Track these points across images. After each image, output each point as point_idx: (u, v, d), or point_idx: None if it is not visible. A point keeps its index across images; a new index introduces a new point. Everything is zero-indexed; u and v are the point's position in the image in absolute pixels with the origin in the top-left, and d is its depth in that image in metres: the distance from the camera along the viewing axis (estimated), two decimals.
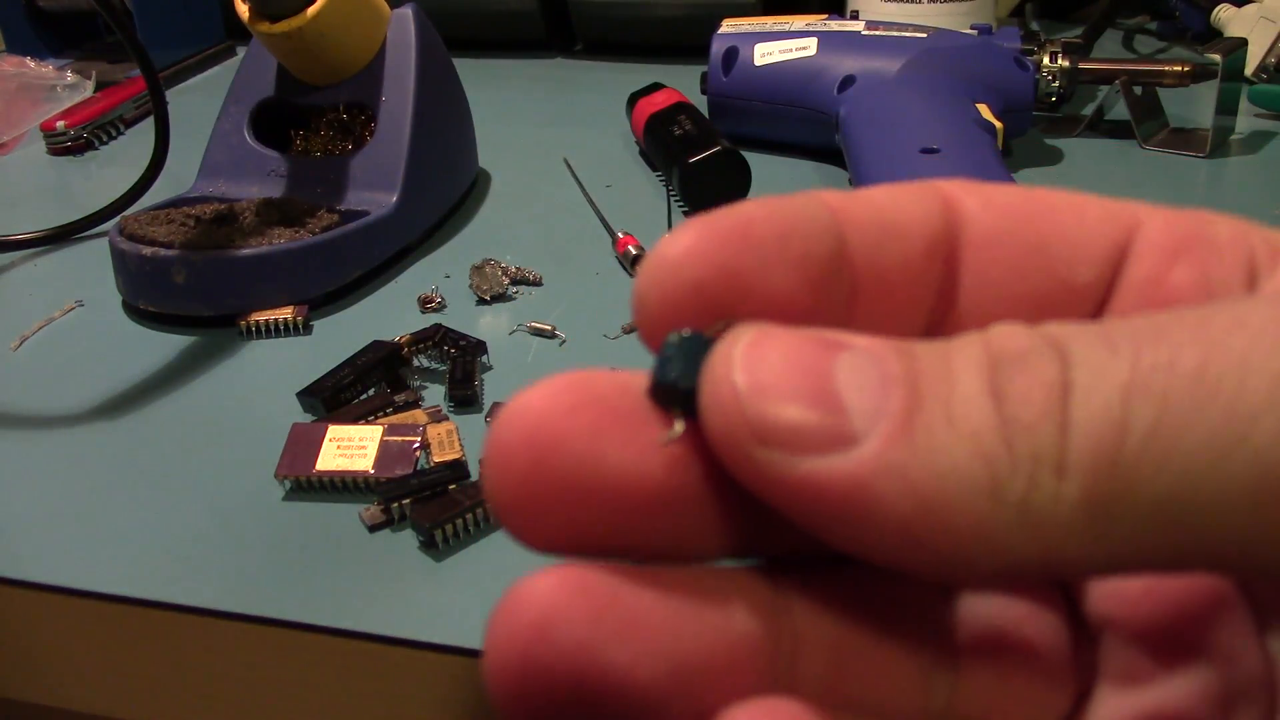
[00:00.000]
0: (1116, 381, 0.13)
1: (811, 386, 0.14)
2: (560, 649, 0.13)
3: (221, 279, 0.46)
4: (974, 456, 0.13)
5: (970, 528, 0.13)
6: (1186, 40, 0.81)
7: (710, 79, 0.63)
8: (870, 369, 0.14)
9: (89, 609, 0.32)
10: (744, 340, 0.14)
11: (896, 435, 0.13)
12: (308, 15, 0.49)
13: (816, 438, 0.13)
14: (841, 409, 0.14)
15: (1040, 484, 0.13)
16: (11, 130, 0.71)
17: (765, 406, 0.14)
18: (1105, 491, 0.13)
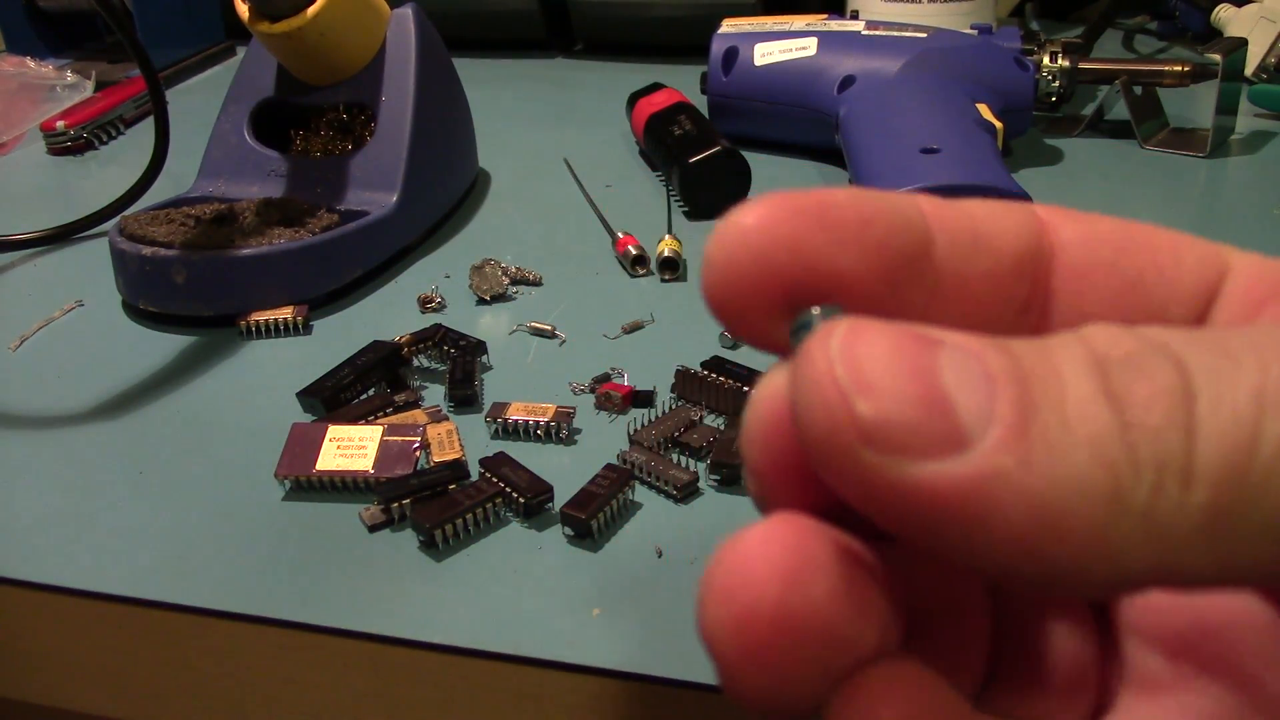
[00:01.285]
0: (1246, 390, 0.13)
1: (919, 385, 0.13)
2: (814, 600, 0.13)
3: (221, 279, 0.46)
4: (1095, 463, 0.13)
5: (1089, 537, 0.13)
6: (1186, 40, 0.81)
7: (710, 79, 0.63)
8: (973, 367, 0.13)
9: (89, 609, 0.32)
10: (841, 332, 0.14)
11: (1011, 440, 0.13)
12: (308, 15, 0.49)
13: (928, 441, 0.13)
14: (951, 410, 0.13)
15: (1165, 491, 0.13)
16: (11, 130, 0.71)
17: (873, 406, 0.13)
18: (1231, 503, 0.13)
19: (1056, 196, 0.55)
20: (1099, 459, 0.13)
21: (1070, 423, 0.13)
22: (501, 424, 0.38)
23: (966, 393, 0.13)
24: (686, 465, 0.36)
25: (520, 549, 0.33)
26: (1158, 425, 0.13)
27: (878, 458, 0.13)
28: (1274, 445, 0.13)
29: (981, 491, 0.13)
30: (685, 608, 0.30)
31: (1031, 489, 0.13)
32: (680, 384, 0.40)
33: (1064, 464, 0.13)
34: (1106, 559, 0.13)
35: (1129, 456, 0.13)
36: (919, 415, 0.13)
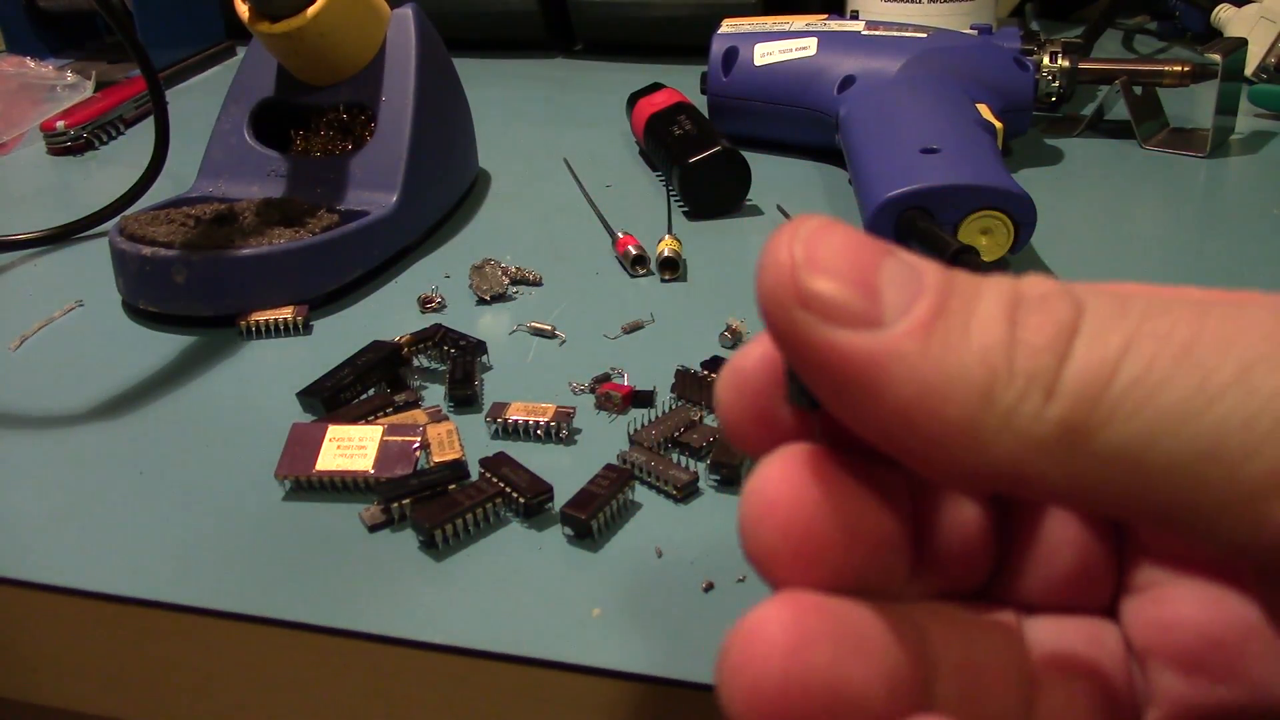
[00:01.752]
0: (1119, 334, 0.15)
1: (856, 272, 0.16)
2: (816, 666, 0.15)
3: (221, 279, 0.46)
4: (979, 364, 0.15)
5: (960, 423, 0.15)
6: (1186, 40, 0.81)
7: (710, 79, 0.63)
8: (910, 275, 0.16)
9: (89, 609, 0.32)
10: (810, 224, 0.16)
11: (916, 330, 0.15)
12: (308, 15, 0.49)
13: (849, 312, 0.15)
14: (876, 296, 0.16)
15: (1029, 398, 0.15)
16: (11, 130, 0.71)
17: (813, 276, 0.16)
18: (1083, 421, 0.15)
19: (1056, 196, 0.55)
20: (982, 360, 0.15)
21: (970, 330, 0.15)
22: (501, 424, 0.38)
23: (895, 288, 0.16)
24: (686, 465, 0.36)
25: (520, 549, 0.33)
26: (1038, 345, 0.15)
27: (808, 318, 0.16)
28: (1126, 381, 0.15)
29: (881, 362, 0.15)
30: (685, 608, 0.30)
31: (921, 370, 0.15)
32: (680, 384, 0.40)
33: (953, 358, 0.15)
34: (973, 447, 0.15)
35: (1006, 364, 0.15)
36: (847, 292, 0.16)
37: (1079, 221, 0.54)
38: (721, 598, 0.31)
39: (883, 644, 0.16)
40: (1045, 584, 0.20)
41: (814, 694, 0.15)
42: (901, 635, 0.16)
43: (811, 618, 0.15)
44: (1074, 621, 0.20)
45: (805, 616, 0.15)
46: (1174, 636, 0.19)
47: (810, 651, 0.15)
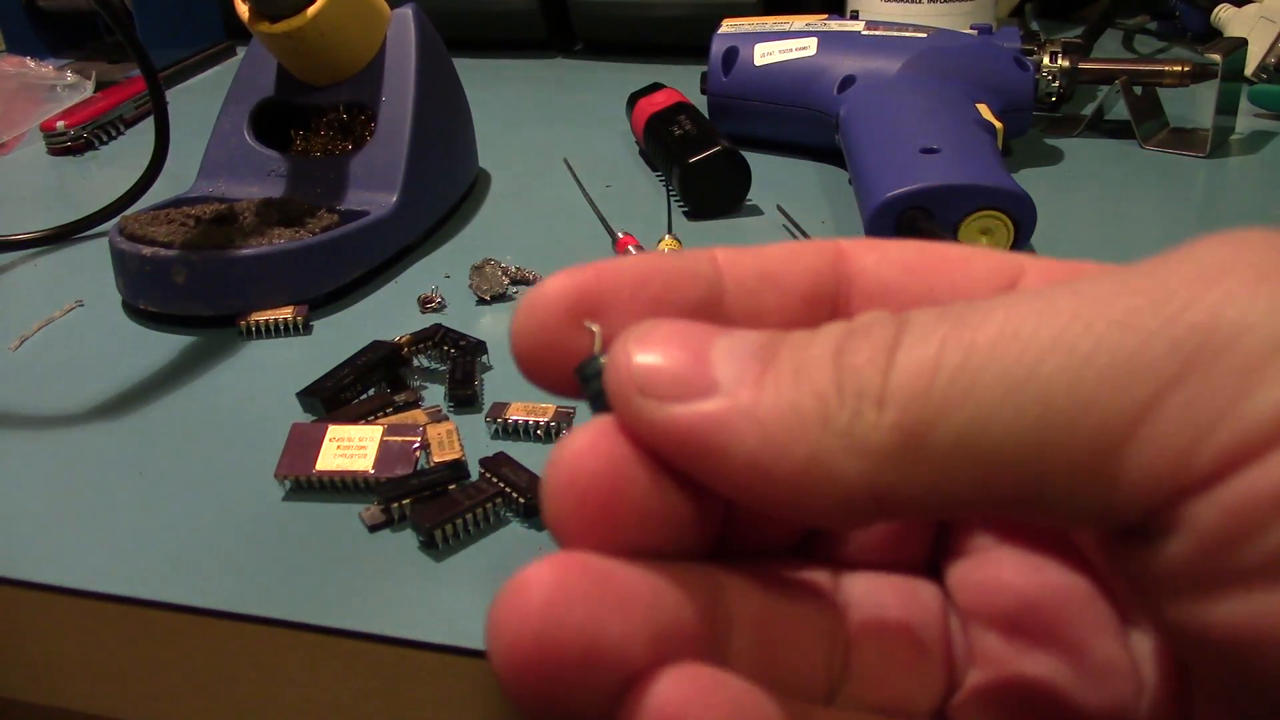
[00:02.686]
0: (936, 336, 0.16)
1: (685, 348, 0.17)
2: (571, 625, 0.15)
3: (221, 279, 0.46)
4: (810, 396, 0.16)
5: (805, 458, 0.16)
6: (1186, 40, 0.81)
7: (710, 79, 0.63)
8: (745, 344, 0.17)
9: (89, 609, 0.32)
10: (643, 324, 0.17)
11: (749, 384, 0.16)
12: (308, 15, 0.49)
13: (684, 388, 0.16)
14: (708, 367, 0.16)
15: (863, 413, 0.15)
16: (11, 130, 0.71)
17: (645, 357, 0.17)
18: (918, 420, 0.15)
19: (1056, 196, 0.55)
20: (813, 394, 0.16)
21: (800, 372, 0.16)
22: (501, 424, 0.38)
23: (727, 358, 0.16)
24: None
25: (520, 549, 0.33)
26: (860, 364, 0.16)
27: (646, 402, 0.16)
28: (949, 372, 0.15)
29: (722, 424, 0.16)
30: None
31: (761, 418, 0.16)
32: None
33: (785, 400, 0.16)
34: (825, 478, 0.16)
35: (836, 390, 0.16)
36: (680, 370, 0.16)
37: (1079, 221, 0.54)
38: None
39: (651, 601, 0.16)
40: (861, 543, 0.21)
41: (567, 648, 0.15)
42: (683, 592, 0.17)
43: (574, 576, 0.16)
44: (891, 580, 0.20)
45: (567, 575, 0.16)
46: (996, 599, 0.20)
47: (565, 608, 0.15)
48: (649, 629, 0.16)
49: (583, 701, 0.16)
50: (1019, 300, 0.16)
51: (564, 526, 0.17)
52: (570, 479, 0.17)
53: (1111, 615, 0.19)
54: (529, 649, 0.15)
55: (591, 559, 0.16)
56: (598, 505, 0.16)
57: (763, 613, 0.18)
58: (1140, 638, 0.19)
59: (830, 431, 0.16)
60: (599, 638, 0.15)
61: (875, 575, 0.21)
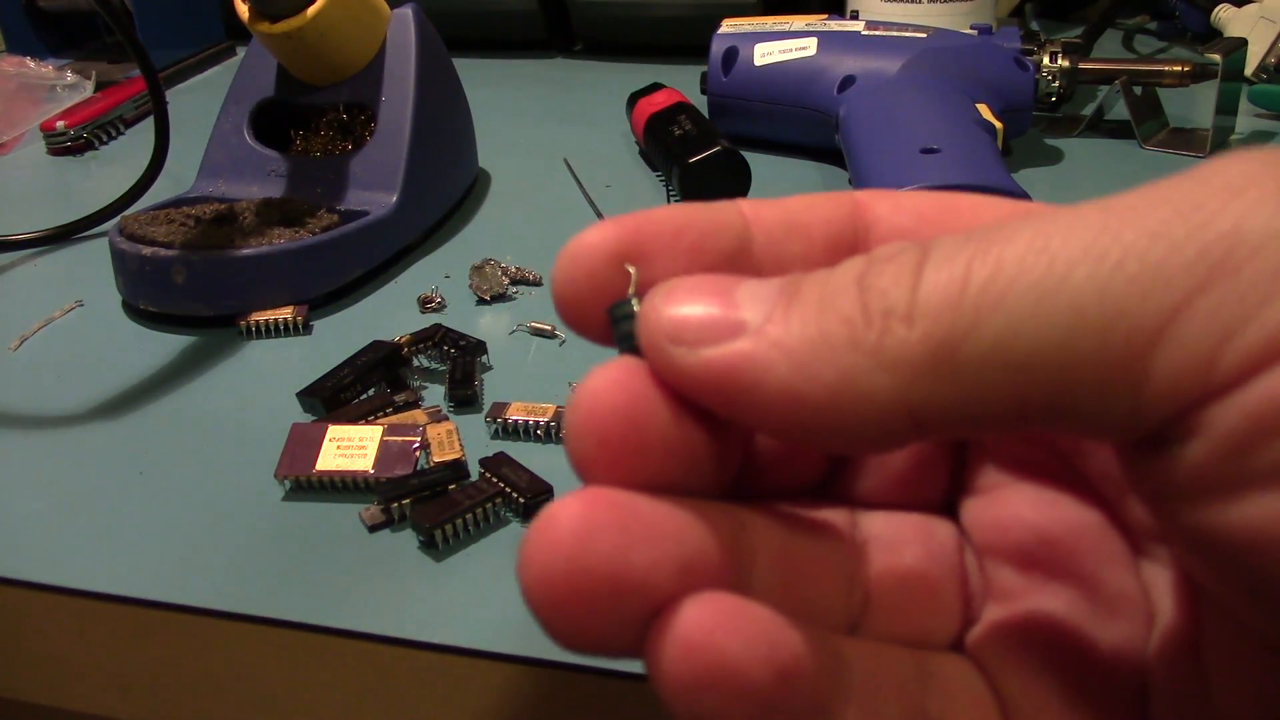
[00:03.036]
0: (963, 255, 0.16)
1: (712, 293, 0.17)
2: (599, 553, 0.16)
3: (221, 279, 0.46)
4: (836, 321, 0.16)
5: (837, 377, 0.16)
6: (1186, 40, 0.81)
7: (710, 79, 0.63)
8: (769, 286, 0.17)
9: (89, 609, 0.32)
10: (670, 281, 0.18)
11: (776, 319, 0.16)
12: (308, 15, 0.49)
13: (714, 332, 0.17)
14: (735, 307, 0.17)
15: (892, 330, 0.16)
16: (11, 130, 0.71)
17: (676, 308, 0.17)
18: (949, 333, 0.15)
19: (1056, 196, 0.55)
20: (839, 319, 0.16)
21: (824, 301, 0.16)
22: (501, 424, 0.38)
23: (753, 299, 0.17)
24: None
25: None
26: (886, 286, 0.16)
27: (679, 349, 0.17)
28: (979, 284, 0.15)
29: (753, 359, 0.16)
30: None
31: (790, 347, 0.16)
32: None
33: (813, 327, 0.16)
34: (859, 397, 0.16)
35: (862, 312, 0.16)
36: (708, 315, 0.17)
37: None
38: None
39: (676, 533, 0.17)
40: (879, 483, 0.21)
41: (596, 577, 0.16)
42: (707, 526, 0.17)
43: (601, 509, 0.16)
44: (908, 518, 0.21)
45: (595, 508, 0.16)
46: (1011, 535, 0.20)
47: (595, 539, 0.16)
48: (674, 559, 0.16)
49: (612, 629, 0.16)
50: (1045, 217, 0.16)
51: (587, 462, 0.17)
52: (591, 414, 0.17)
53: (1124, 548, 0.20)
54: (559, 579, 0.16)
55: (617, 493, 0.16)
56: (619, 440, 0.17)
57: (784, 548, 0.19)
58: (1151, 569, 0.20)
59: (860, 351, 0.16)
60: (626, 567, 0.16)
61: (892, 514, 0.21)
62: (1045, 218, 0.16)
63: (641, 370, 0.17)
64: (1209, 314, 0.14)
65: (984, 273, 0.15)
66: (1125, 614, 0.19)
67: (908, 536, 0.21)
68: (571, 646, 0.16)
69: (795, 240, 0.20)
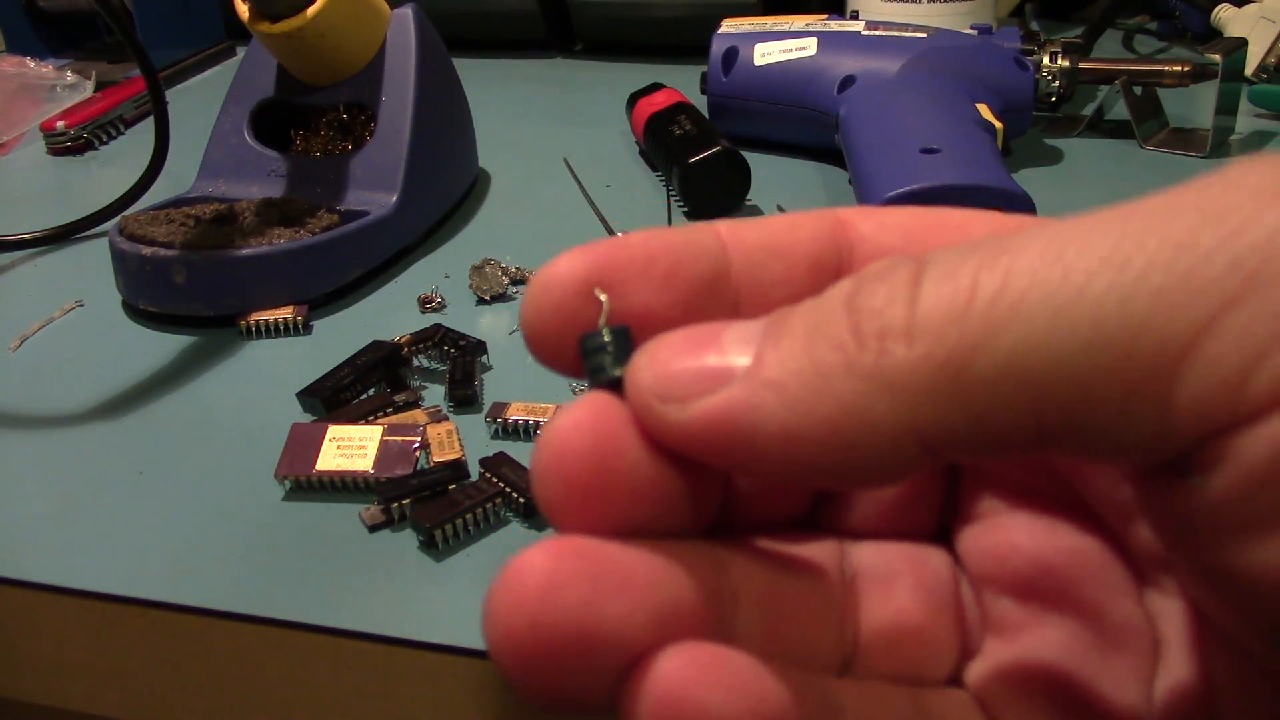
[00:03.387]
0: (967, 268, 0.15)
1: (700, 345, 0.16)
2: (567, 607, 0.15)
3: (221, 279, 0.46)
4: (828, 350, 0.15)
5: (836, 408, 0.15)
6: (1186, 40, 0.81)
7: (710, 79, 0.63)
8: (754, 325, 0.16)
9: (89, 609, 0.32)
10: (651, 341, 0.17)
11: (766, 357, 0.16)
12: (308, 15, 0.49)
13: (702, 381, 0.16)
14: (722, 355, 0.16)
15: (889, 351, 0.15)
16: (11, 130, 0.71)
17: (660, 366, 0.16)
18: (954, 351, 0.14)
19: (1056, 196, 0.55)
20: (831, 346, 0.15)
21: (813, 330, 0.16)
22: (501, 424, 0.38)
23: (738, 343, 0.16)
24: None
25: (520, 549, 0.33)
26: (878, 306, 0.15)
27: (669, 407, 0.16)
28: (986, 298, 0.14)
29: (745, 402, 0.15)
30: None
31: (782, 384, 0.15)
32: None
33: (804, 359, 0.15)
34: (862, 426, 0.15)
35: (854, 335, 0.15)
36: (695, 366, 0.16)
37: None
38: None
39: (650, 581, 0.16)
40: (869, 512, 0.20)
41: (564, 632, 0.15)
42: (683, 571, 0.16)
43: (568, 559, 0.15)
44: (900, 548, 0.20)
45: (562, 560, 0.15)
46: (1009, 564, 0.19)
47: (561, 593, 0.15)
48: (648, 609, 0.15)
49: (584, 686, 0.15)
50: (1059, 225, 0.15)
51: (554, 508, 0.16)
52: (559, 457, 0.16)
53: (1127, 576, 0.19)
54: (525, 635, 0.15)
55: (585, 541, 0.16)
56: (588, 485, 0.16)
57: (768, 587, 0.18)
58: (1157, 598, 0.19)
59: (856, 376, 0.15)
60: (596, 621, 0.15)
61: (883, 544, 0.20)
62: (1056, 226, 0.15)
63: (612, 408, 0.17)
64: (1241, 331, 0.13)
65: (992, 285, 0.14)
66: (1130, 646, 0.19)
67: (900, 568, 0.20)
68: (542, 705, 0.16)
69: (775, 263, 0.19)
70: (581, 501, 0.16)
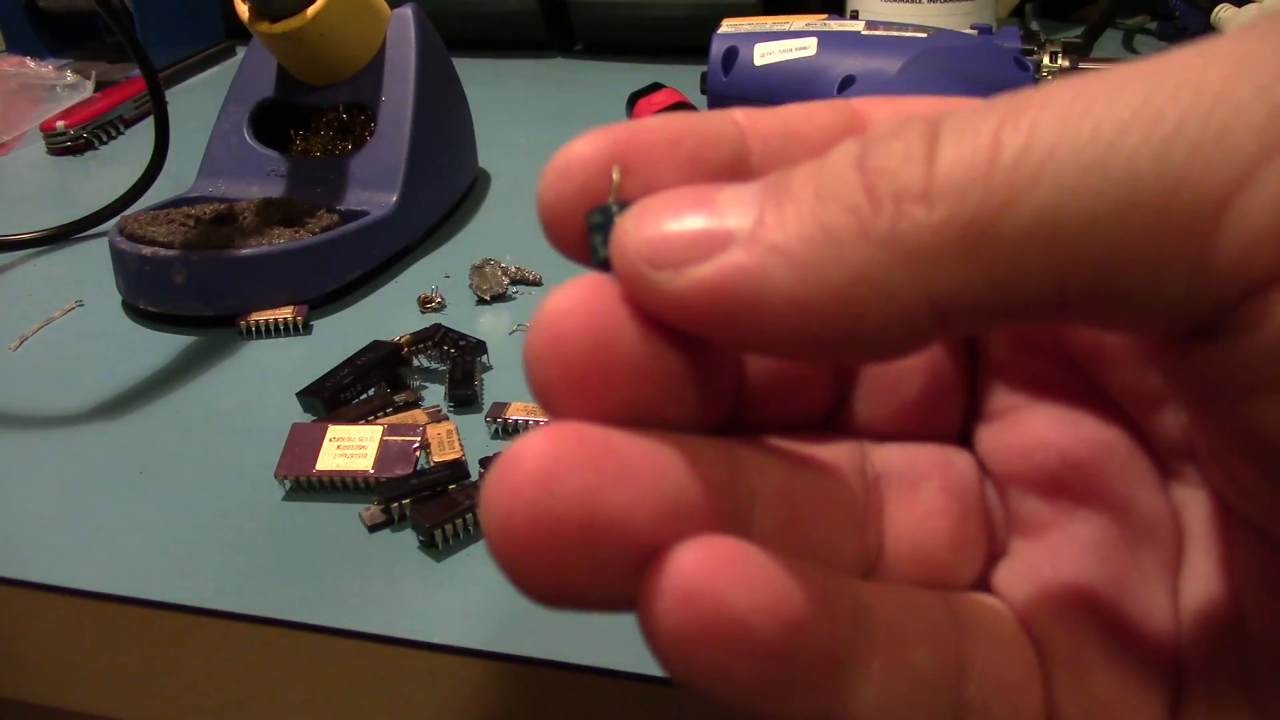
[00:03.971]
0: (988, 124, 0.14)
1: (693, 206, 0.15)
2: (567, 495, 0.14)
3: (221, 279, 0.46)
4: (839, 212, 0.14)
5: (849, 275, 0.14)
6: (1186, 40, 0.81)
7: (710, 79, 0.63)
8: (752, 187, 0.15)
9: (89, 609, 0.32)
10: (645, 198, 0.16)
11: (767, 222, 0.14)
12: (308, 15, 0.49)
13: (698, 246, 0.15)
14: (718, 214, 0.15)
15: (907, 214, 0.14)
16: (11, 130, 0.71)
17: (650, 228, 0.15)
18: (977, 212, 0.13)
19: None
20: (842, 209, 0.14)
21: (821, 191, 0.14)
22: (501, 424, 0.38)
23: (736, 204, 0.15)
24: None
25: None
26: (894, 166, 0.14)
27: (661, 274, 0.15)
28: (1011, 156, 0.13)
29: (748, 268, 0.14)
30: None
31: (789, 250, 0.14)
32: None
33: (813, 222, 0.14)
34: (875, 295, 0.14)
35: (868, 198, 0.14)
36: (688, 229, 0.15)
37: None
38: None
39: (658, 470, 0.15)
40: (890, 412, 0.20)
41: (565, 521, 0.14)
42: (694, 463, 0.15)
43: (570, 446, 0.14)
44: (922, 449, 0.19)
45: (563, 445, 0.14)
46: (1034, 459, 0.19)
47: (563, 479, 0.14)
48: (656, 500, 0.15)
49: (591, 582, 0.15)
50: (1085, 79, 0.14)
51: (549, 392, 0.15)
52: (551, 338, 0.15)
53: (1150, 468, 0.19)
54: (524, 525, 0.14)
55: (586, 427, 0.15)
56: (582, 366, 0.15)
57: (788, 486, 0.17)
58: (1180, 490, 0.18)
59: (871, 241, 0.14)
60: (599, 509, 0.14)
61: (905, 446, 0.19)
62: (1082, 80, 0.14)
63: (608, 285, 0.16)
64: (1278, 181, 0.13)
65: (1017, 141, 0.14)
66: (1157, 540, 0.18)
67: (924, 470, 0.19)
68: (545, 600, 0.15)
69: (796, 148, 0.18)
70: (579, 385, 0.15)
